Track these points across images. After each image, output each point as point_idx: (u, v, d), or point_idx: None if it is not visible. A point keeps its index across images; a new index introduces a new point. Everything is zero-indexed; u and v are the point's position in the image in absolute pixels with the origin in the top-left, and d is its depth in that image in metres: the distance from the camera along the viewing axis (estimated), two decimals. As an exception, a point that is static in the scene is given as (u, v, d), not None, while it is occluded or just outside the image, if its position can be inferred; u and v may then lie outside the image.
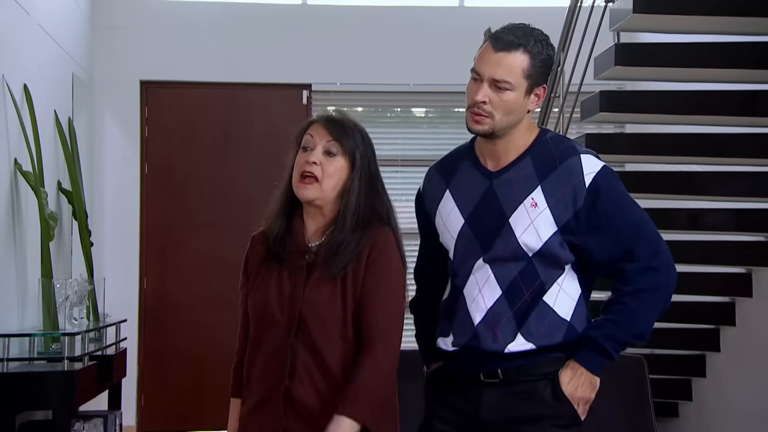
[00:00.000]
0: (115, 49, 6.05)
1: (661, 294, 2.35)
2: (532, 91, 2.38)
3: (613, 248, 2.34)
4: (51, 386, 3.80)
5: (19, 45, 4.26)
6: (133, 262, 6.07)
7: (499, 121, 2.36)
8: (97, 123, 6.02)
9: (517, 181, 2.38)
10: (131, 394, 5.95)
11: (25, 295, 4.27)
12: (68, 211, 4.96)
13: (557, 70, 4.22)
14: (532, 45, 2.35)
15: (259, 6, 6.26)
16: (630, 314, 2.33)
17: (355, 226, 2.36)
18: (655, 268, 2.34)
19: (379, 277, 2.34)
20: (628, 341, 2.36)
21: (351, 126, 2.41)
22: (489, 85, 2.34)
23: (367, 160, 2.40)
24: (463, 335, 2.40)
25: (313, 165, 2.35)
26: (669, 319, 4.94)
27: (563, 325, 2.36)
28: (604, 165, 2.38)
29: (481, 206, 2.41)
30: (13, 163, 4.12)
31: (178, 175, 6.17)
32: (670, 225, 4.60)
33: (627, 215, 2.36)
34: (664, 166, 4.80)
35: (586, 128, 5.66)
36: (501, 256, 2.36)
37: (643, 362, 2.87)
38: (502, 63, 2.33)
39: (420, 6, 6.33)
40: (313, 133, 2.38)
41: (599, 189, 2.34)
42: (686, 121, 4.27)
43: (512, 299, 2.35)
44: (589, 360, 2.34)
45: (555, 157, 2.38)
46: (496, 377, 2.37)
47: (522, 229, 2.35)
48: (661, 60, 3.93)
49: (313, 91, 6.23)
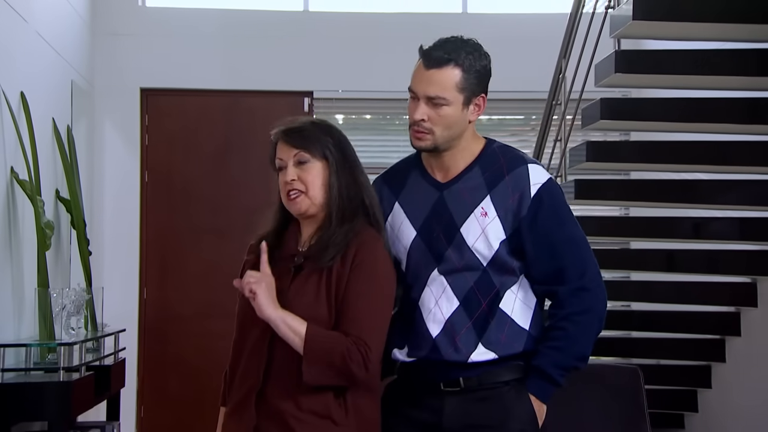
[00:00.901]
0: (115, 56, 6.02)
1: (594, 315, 2.40)
2: (470, 102, 2.41)
3: (545, 264, 2.39)
4: (46, 397, 3.76)
5: (16, 52, 4.22)
6: (133, 271, 6.02)
7: (440, 136, 2.41)
8: (97, 131, 5.99)
9: (466, 192, 2.42)
10: (131, 404, 5.91)
11: (22, 304, 4.23)
12: (67, 219, 4.93)
13: (559, 77, 4.19)
14: (464, 58, 2.38)
15: (261, 13, 6.22)
16: (570, 339, 2.38)
17: (341, 219, 2.36)
18: (586, 288, 2.39)
19: (363, 281, 2.31)
20: (572, 365, 2.41)
21: (309, 128, 2.40)
22: (425, 102, 2.38)
23: (340, 152, 2.40)
24: (420, 348, 2.41)
25: (292, 183, 2.37)
26: (674, 329, 4.91)
27: (523, 334, 2.40)
28: (550, 177, 2.44)
29: (431, 217, 2.44)
30: (10, 171, 4.08)
31: (178, 183, 6.13)
32: (673, 234, 4.56)
33: (564, 231, 2.41)
34: (668, 174, 4.75)
35: (592, 135, 5.62)
36: (456, 267, 2.39)
37: (638, 373, 2.82)
38: (434, 80, 2.37)
39: (423, 12, 6.29)
40: (280, 154, 2.41)
41: (542, 200, 2.39)
42: (688, 129, 4.23)
43: (470, 309, 2.39)
44: (538, 388, 2.40)
45: (503, 166, 2.43)
46: (458, 386, 2.39)
47: (474, 238, 2.38)
48: (662, 67, 3.90)
49: (315, 99, 6.19)
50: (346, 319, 2.29)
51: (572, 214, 2.47)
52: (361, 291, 2.31)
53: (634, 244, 5.65)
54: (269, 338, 2.32)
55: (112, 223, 5.99)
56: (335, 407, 2.30)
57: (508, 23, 6.18)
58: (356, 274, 2.31)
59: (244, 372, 2.37)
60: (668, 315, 4.94)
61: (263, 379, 2.32)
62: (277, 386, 2.31)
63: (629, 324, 5.25)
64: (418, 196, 2.48)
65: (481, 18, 6.28)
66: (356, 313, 2.29)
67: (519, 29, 6.08)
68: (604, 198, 4.49)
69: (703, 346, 4.81)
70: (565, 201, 2.46)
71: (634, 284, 5.50)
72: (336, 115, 6.38)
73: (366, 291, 2.31)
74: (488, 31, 6.11)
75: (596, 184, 4.39)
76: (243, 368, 2.38)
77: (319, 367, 2.25)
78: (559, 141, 4.41)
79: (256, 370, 2.33)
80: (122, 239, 6.00)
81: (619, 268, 5.39)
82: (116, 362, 4.77)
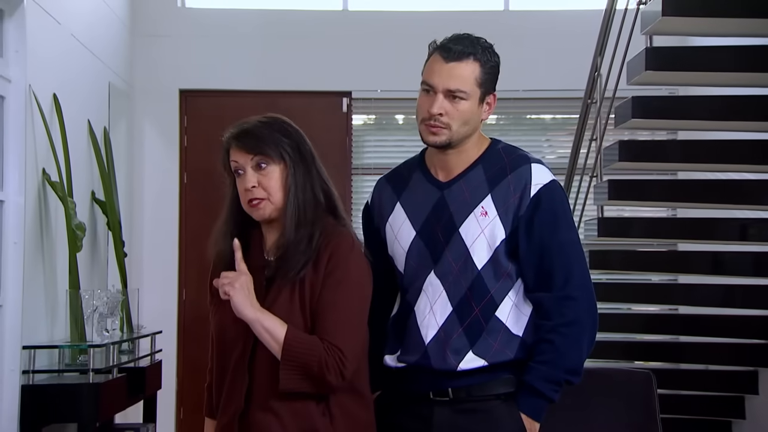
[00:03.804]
0: (154, 57, 6.03)
1: (582, 326, 2.32)
2: (484, 99, 2.38)
3: (533, 268, 2.32)
4: (75, 399, 3.76)
5: (48, 55, 4.23)
6: (172, 272, 6.02)
7: (456, 132, 2.36)
8: (136, 132, 6.00)
9: (468, 191, 2.37)
10: (170, 406, 5.91)
11: (55, 306, 4.24)
12: (103, 221, 4.93)
13: (594, 75, 4.09)
14: (481, 53, 2.36)
15: (299, 12, 6.19)
16: (557, 352, 2.30)
17: (299, 222, 2.26)
18: (571, 297, 2.31)
19: (334, 290, 2.23)
20: (563, 379, 2.32)
21: (263, 130, 2.30)
22: (444, 96, 2.34)
23: (297, 151, 2.31)
24: (413, 353, 2.37)
25: (253, 190, 2.28)
26: (720, 333, 4.76)
27: (515, 340, 2.34)
28: (554, 180, 2.38)
29: (432, 217, 2.39)
30: (42, 173, 4.09)
31: (217, 185, 6.09)
32: (719, 235, 4.43)
33: (556, 236, 2.34)
34: (714, 175, 4.61)
35: (638, 134, 5.48)
36: (452, 269, 2.34)
37: (651, 377, 2.71)
38: (455, 73, 2.33)
39: (464, 11, 6.20)
40: (235, 158, 2.32)
41: (540, 201, 2.33)
42: (721, 127, 4.09)
43: (462, 315, 2.33)
44: (529, 406, 2.32)
45: (506, 165, 2.38)
46: (447, 396, 2.34)
47: (472, 239, 2.33)
48: (693, 64, 3.77)
49: (354, 99, 6.14)
50: (320, 329, 2.22)
51: (571, 220, 2.41)
52: (334, 300, 2.23)
53: (681, 246, 5.51)
54: (248, 358, 2.26)
55: (152, 225, 6.00)
56: (320, 419, 2.23)
57: (549, 20, 6.07)
58: (328, 282, 2.24)
59: (228, 394, 2.30)
60: (714, 319, 4.80)
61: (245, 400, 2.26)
62: (260, 408, 2.24)
63: (676, 328, 5.12)
64: (420, 196, 2.44)
65: (523, 15, 6.17)
66: (329, 323, 2.21)
67: (562, 26, 5.97)
68: (639, 199, 4.36)
69: (750, 351, 4.66)
70: (567, 206, 2.40)
71: (680, 287, 5.36)
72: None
73: (339, 299, 2.23)
74: (530, 28, 6.10)
75: (631, 185, 4.27)
76: (227, 391, 2.30)
77: (296, 374, 2.18)
78: (595, 140, 4.29)
79: (239, 392, 2.26)
80: (161, 240, 6.00)
81: (665, 271, 5.26)
82: (152, 364, 4.76)
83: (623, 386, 2.41)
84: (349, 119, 6.14)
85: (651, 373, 2.72)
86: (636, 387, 2.68)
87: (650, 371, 2.72)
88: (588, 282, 2.36)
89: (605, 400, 2.31)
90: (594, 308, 2.36)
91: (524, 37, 5.92)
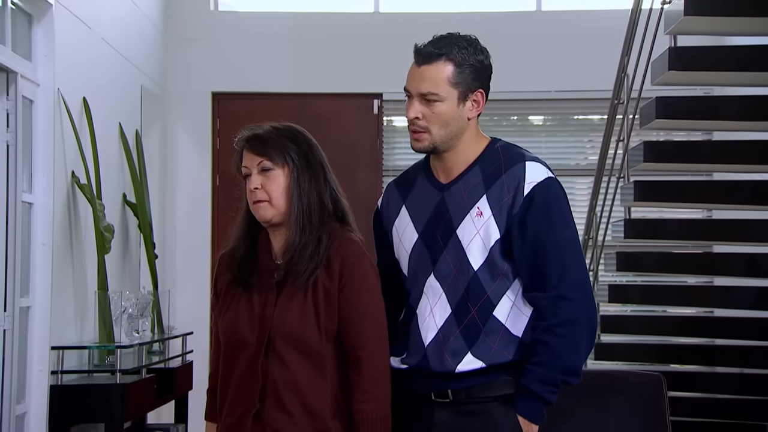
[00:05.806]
0: (187, 61, 6.07)
1: (578, 326, 2.28)
2: (466, 98, 2.34)
3: (528, 267, 2.29)
4: (103, 399, 3.80)
5: (77, 59, 4.28)
6: (205, 274, 6.05)
7: (437, 135, 2.35)
8: (169, 135, 6.05)
9: (465, 192, 2.36)
10: (202, 407, 5.92)
11: (85, 307, 4.29)
12: (135, 223, 4.98)
13: (621, 76, 4.04)
14: (456, 53, 2.33)
15: (331, 15, 6.20)
16: (553, 353, 2.26)
17: (303, 226, 2.30)
18: (565, 297, 2.27)
19: (360, 296, 2.29)
20: (560, 380, 2.28)
21: (272, 135, 2.35)
22: (419, 100, 2.33)
23: (304, 158, 2.35)
24: (414, 356, 2.37)
25: (256, 191, 2.33)
26: (755, 336, 4.69)
27: (515, 341, 2.32)
28: (549, 177, 2.33)
29: (433, 220, 2.39)
30: (71, 175, 4.14)
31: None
32: (754, 237, 4.36)
33: (551, 234, 2.30)
34: (749, 176, 4.53)
35: (674, 135, 5.39)
36: (450, 271, 2.33)
37: (661, 380, 2.67)
38: (425, 76, 2.33)
39: (497, 12, 6.17)
40: (245, 162, 2.37)
41: (534, 199, 2.30)
42: (747, 128, 4.02)
43: (459, 317, 2.32)
44: (526, 409, 2.30)
45: (502, 164, 2.35)
46: (447, 397, 2.34)
47: (468, 240, 2.32)
48: (716, 64, 3.71)
49: (385, 101, 6.14)
50: (355, 340, 2.28)
51: (568, 218, 2.35)
52: (364, 308, 2.29)
53: (717, 247, 5.44)
54: (261, 359, 2.28)
55: (184, 227, 6.04)
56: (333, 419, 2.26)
57: (580, 20, 6.01)
58: (352, 291, 2.29)
59: (236, 394, 2.31)
60: (750, 321, 4.73)
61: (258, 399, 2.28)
62: (274, 407, 2.27)
63: (711, 331, 5.05)
64: (423, 198, 2.43)
65: (556, 15, 6.12)
66: (364, 332, 2.28)
67: (595, 25, 5.91)
68: (666, 200, 4.30)
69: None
70: (563, 204, 2.34)
71: (716, 289, 5.29)
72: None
73: (368, 307, 2.29)
74: (561, 29, 6.05)
75: (657, 186, 4.21)
76: (235, 390, 2.31)
77: None
78: (621, 141, 4.24)
79: (250, 392, 2.28)
80: (194, 242, 6.04)
81: (699, 273, 5.19)
82: (183, 365, 4.79)
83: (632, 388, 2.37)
84: (380, 121, 6.14)
85: (661, 375, 2.69)
86: (646, 389, 2.65)
87: (660, 373, 2.69)
88: (584, 281, 2.32)
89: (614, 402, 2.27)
90: (591, 307, 2.32)
91: (557, 37, 5.88)
